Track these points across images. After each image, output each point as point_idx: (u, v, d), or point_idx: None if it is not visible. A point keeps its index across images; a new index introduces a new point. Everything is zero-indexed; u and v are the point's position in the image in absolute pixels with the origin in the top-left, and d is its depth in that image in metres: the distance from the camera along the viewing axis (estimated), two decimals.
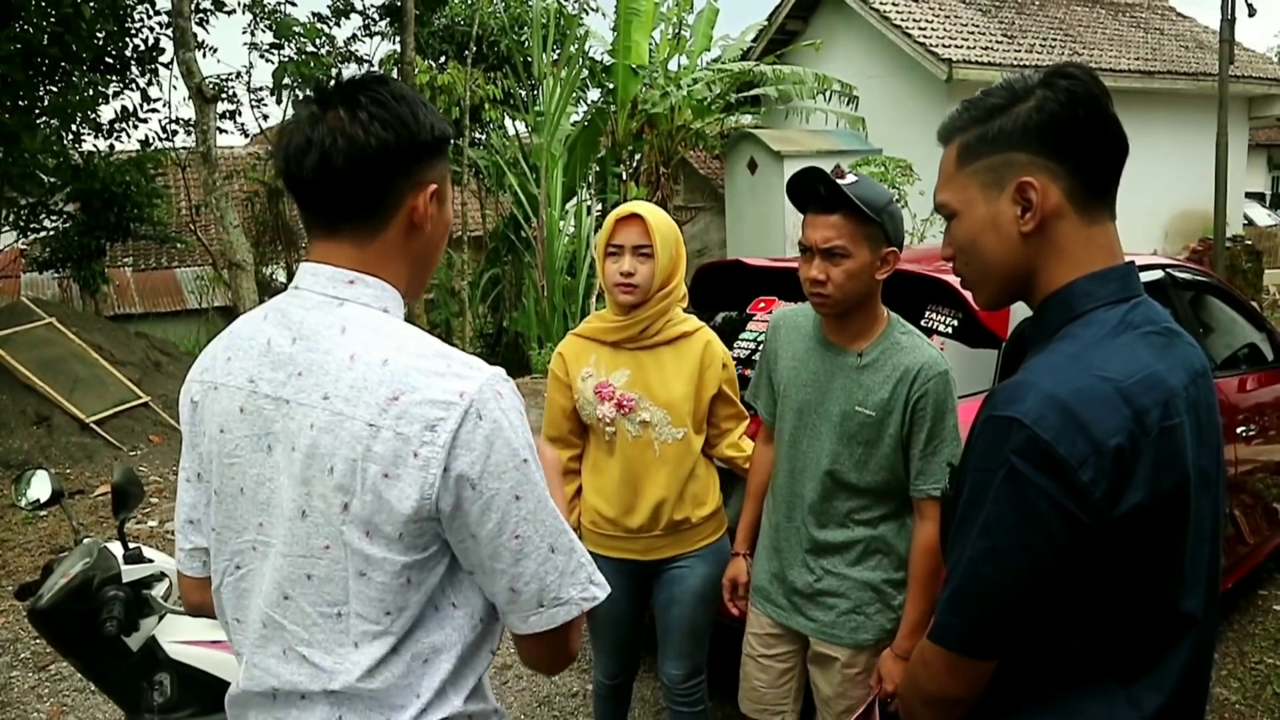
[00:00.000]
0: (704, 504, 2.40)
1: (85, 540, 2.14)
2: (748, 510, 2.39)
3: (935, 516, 2.04)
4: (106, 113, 10.73)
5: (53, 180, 10.08)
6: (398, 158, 1.17)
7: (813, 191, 2.01)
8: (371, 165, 1.16)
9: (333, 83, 1.22)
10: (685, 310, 2.43)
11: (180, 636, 2.13)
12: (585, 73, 13.08)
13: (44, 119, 9.17)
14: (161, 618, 2.13)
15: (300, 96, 11.96)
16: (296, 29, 12.29)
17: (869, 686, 2.13)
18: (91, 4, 8.69)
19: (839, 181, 1.96)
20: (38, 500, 2.23)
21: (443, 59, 14.34)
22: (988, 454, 1.10)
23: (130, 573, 2.08)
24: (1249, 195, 17.29)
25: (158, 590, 2.11)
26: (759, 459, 2.39)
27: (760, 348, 2.71)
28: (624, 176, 12.99)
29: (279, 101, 12.98)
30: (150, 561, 2.15)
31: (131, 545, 2.15)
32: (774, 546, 2.24)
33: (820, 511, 2.13)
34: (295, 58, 12.32)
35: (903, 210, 9.80)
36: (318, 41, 12.82)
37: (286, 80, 11.88)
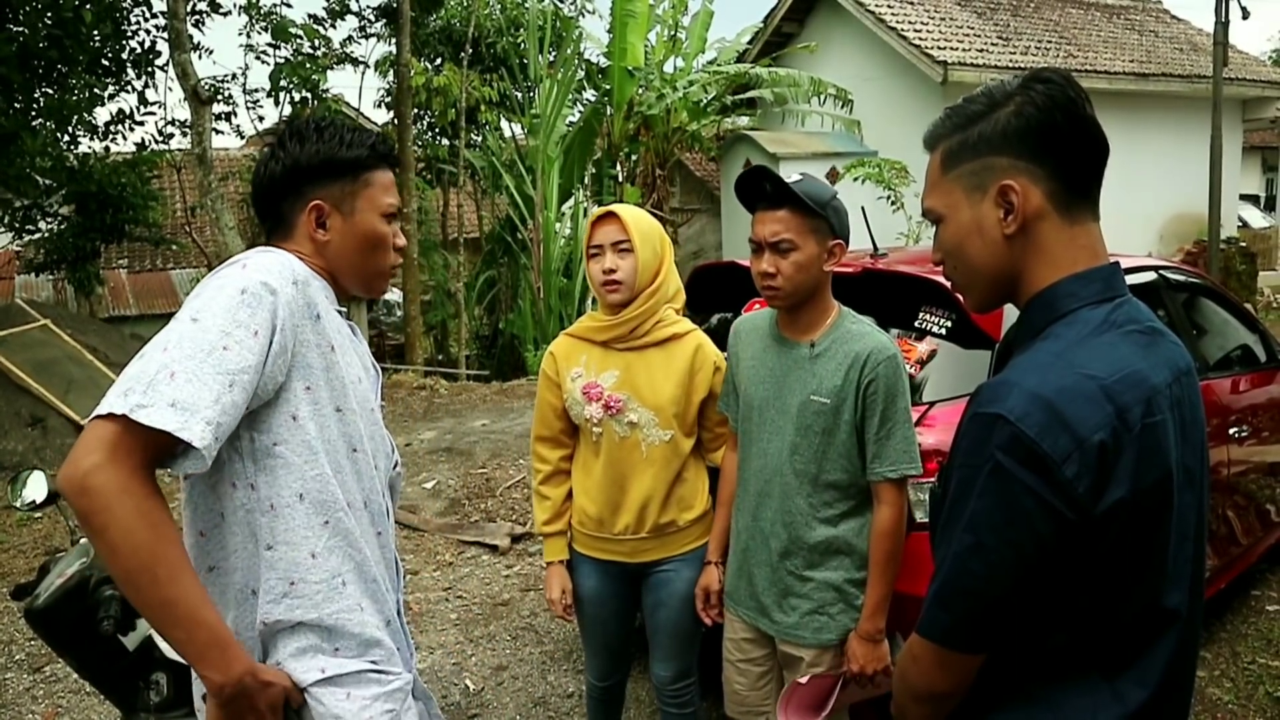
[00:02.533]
0: (691, 507, 2.40)
1: (82, 540, 2.14)
2: (719, 518, 2.40)
3: (893, 500, 2.09)
4: (102, 115, 10.71)
5: (48, 182, 10.07)
6: (283, 183, 1.54)
7: (759, 189, 2.11)
8: (266, 191, 1.56)
9: (280, 133, 1.59)
10: (683, 313, 2.43)
11: None
12: (581, 75, 13.10)
13: (40, 121, 9.17)
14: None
15: (296, 98, 11.99)
16: (293, 30, 12.28)
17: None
18: (89, 6, 8.69)
19: (788, 181, 2.05)
20: (34, 501, 2.23)
21: (439, 60, 14.36)
22: (973, 451, 1.11)
23: None
24: (1243, 198, 17.35)
25: None
26: (728, 466, 2.39)
27: None
28: (620, 178, 13.02)
29: (276, 103, 12.98)
30: None
31: None
32: (741, 549, 2.27)
33: (783, 510, 2.16)
34: (291, 59, 12.31)
35: (898, 212, 9.85)
36: (314, 43, 12.81)
37: (283, 82, 11.88)
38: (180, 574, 1.24)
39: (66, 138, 10.16)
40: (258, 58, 13.02)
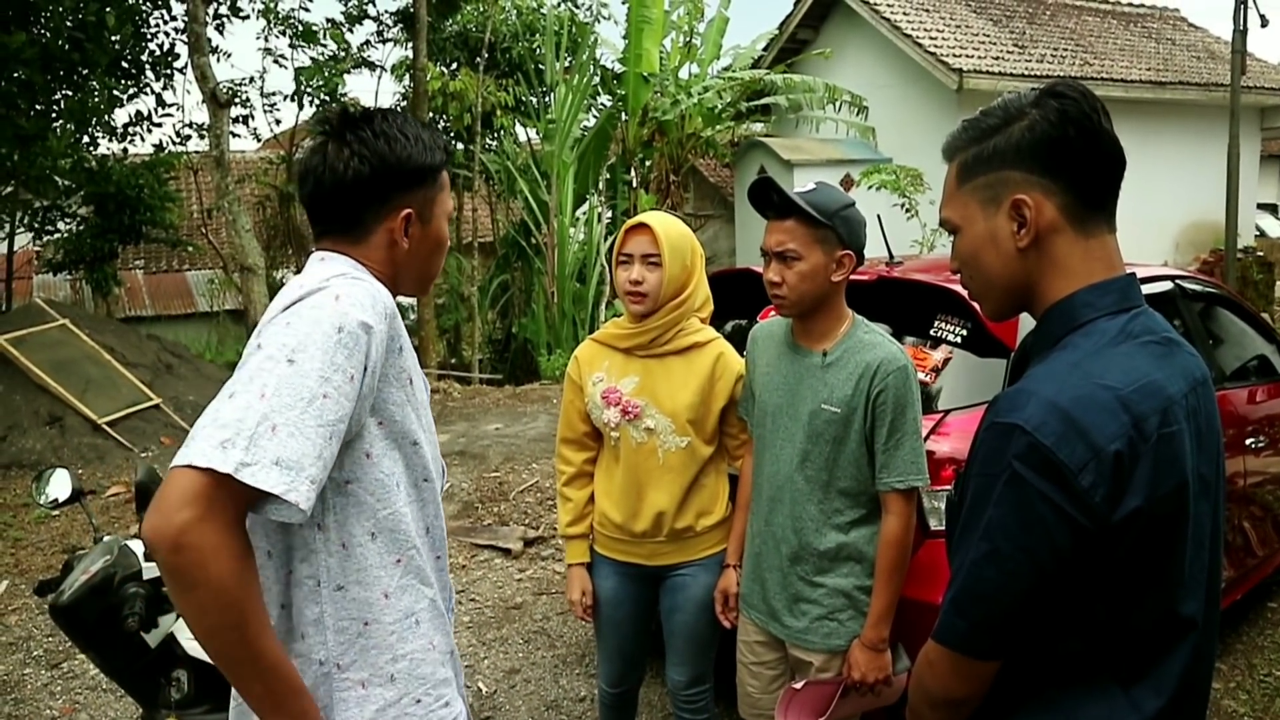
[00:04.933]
0: (709, 513, 2.42)
1: (106, 538, 2.17)
2: (737, 521, 2.42)
3: (900, 510, 2.10)
4: (120, 116, 10.83)
5: (67, 183, 10.16)
6: (371, 187, 1.40)
7: (769, 199, 2.12)
8: (349, 193, 1.39)
9: (338, 116, 1.43)
10: (708, 321, 2.43)
11: None
12: (596, 80, 13.14)
13: (60, 122, 9.25)
14: (179, 614, 2.16)
15: (319, 102, 12.09)
16: (318, 34, 12.40)
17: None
18: (108, 9, 8.78)
19: (802, 190, 2.08)
20: (56, 499, 2.26)
21: (455, 65, 14.43)
22: (990, 459, 1.13)
23: (150, 569, 2.11)
24: (1261, 207, 17.21)
25: None
26: (747, 471, 2.41)
27: None
28: (634, 184, 13.04)
29: (300, 106, 13.10)
30: None
31: None
32: (754, 553, 2.29)
33: (794, 516, 2.18)
34: (316, 62, 12.43)
35: (912, 219, 9.79)
36: (338, 47, 12.94)
37: (304, 85, 12.00)
38: (265, 627, 1.20)
39: (86, 139, 10.26)
40: (276, 61, 13.14)
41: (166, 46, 10.61)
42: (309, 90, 12.34)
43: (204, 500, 1.11)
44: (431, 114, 13.04)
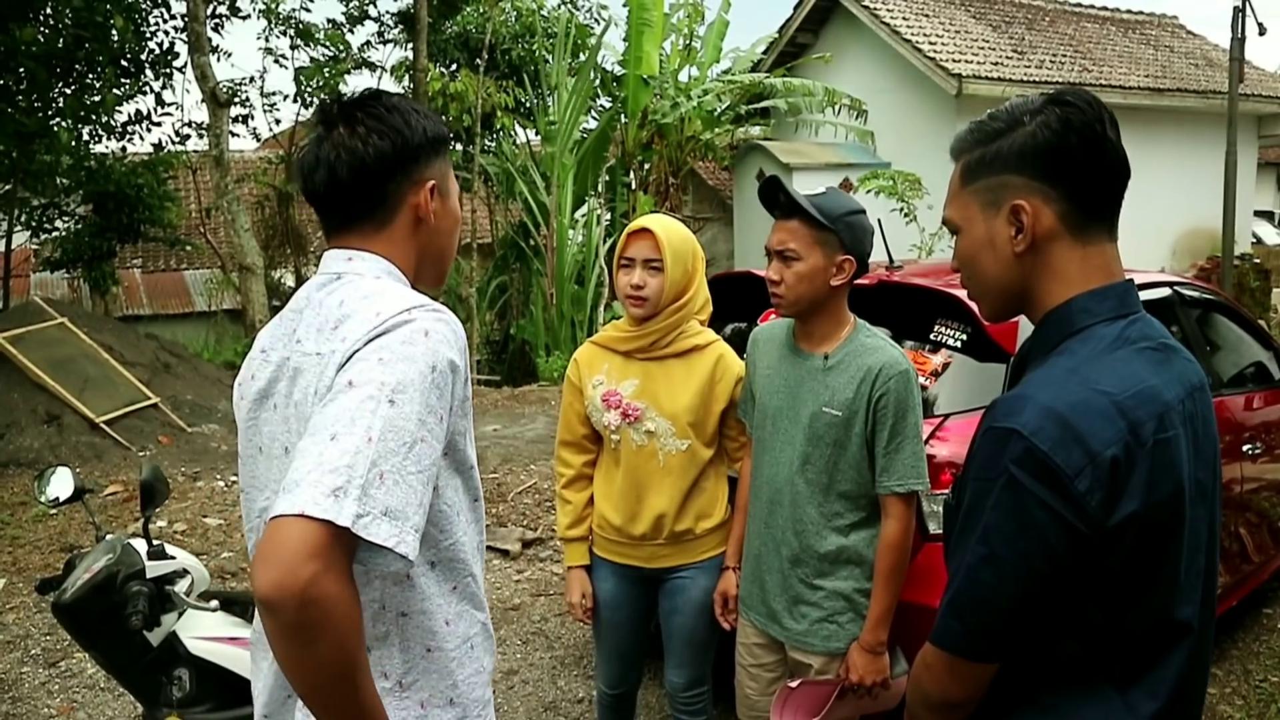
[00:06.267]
0: (709, 516, 2.43)
1: (109, 537, 2.18)
2: (736, 523, 2.43)
3: (899, 514, 2.12)
4: (120, 115, 10.82)
5: (66, 181, 10.16)
6: (395, 162, 1.34)
7: (776, 198, 2.15)
8: (372, 172, 1.33)
9: (334, 104, 1.38)
10: (707, 323, 2.45)
11: (200, 632, 2.17)
12: (596, 82, 13.16)
13: (59, 120, 9.26)
14: (182, 614, 2.17)
15: (319, 101, 12.11)
16: (319, 35, 12.43)
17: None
18: (109, 6, 8.79)
19: (806, 193, 2.10)
20: (58, 498, 2.26)
21: (455, 66, 14.45)
22: (987, 464, 1.14)
23: (153, 569, 2.12)
24: (1258, 214, 17.25)
25: (180, 586, 2.15)
26: (746, 473, 2.43)
27: None
28: (633, 186, 13.06)
29: (305, 105, 13.12)
30: (173, 558, 2.19)
31: (154, 542, 2.19)
32: (754, 555, 2.31)
33: (794, 518, 2.19)
34: (315, 61, 12.46)
35: (911, 224, 9.77)
36: (338, 48, 12.97)
37: (305, 86, 12.02)
38: (368, 674, 1.16)
39: (85, 137, 10.27)
40: (276, 61, 13.17)
41: (166, 45, 10.63)
42: (309, 90, 12.36)
43: (326, 551, 1.05)
44: None
